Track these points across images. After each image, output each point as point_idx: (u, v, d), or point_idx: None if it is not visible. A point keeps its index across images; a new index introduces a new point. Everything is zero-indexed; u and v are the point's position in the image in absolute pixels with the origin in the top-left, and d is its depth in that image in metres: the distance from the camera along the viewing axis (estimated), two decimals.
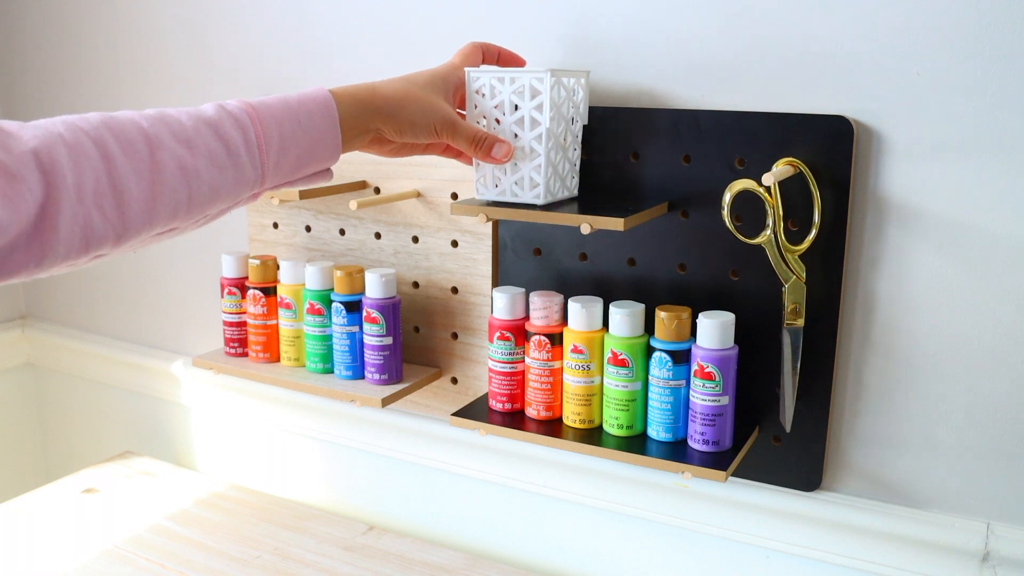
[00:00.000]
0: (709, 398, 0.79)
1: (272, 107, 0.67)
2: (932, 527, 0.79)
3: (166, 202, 0.61)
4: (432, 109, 0.75)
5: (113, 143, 0.58)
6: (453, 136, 0.76)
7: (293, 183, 0.71)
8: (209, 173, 0.63)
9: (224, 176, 0.64)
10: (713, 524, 0.90)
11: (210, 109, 0.65)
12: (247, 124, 0.65)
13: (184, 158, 0.61)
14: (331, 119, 0.70)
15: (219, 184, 0.64)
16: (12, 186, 0.52)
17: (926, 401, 0.78)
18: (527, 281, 0.93)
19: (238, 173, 0.65)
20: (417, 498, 1.10)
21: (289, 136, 0.67)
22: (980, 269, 0.74)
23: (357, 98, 0.72)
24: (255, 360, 1.04)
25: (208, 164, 0.63)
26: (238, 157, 0.64)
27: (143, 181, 0.59)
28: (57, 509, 1.13)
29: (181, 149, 0.61)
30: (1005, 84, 0.70)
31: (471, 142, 0.77)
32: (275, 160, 0.67)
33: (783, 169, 0.76)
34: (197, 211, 0.64)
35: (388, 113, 0.73)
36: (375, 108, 0.72)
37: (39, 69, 1.29)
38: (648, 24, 0.83)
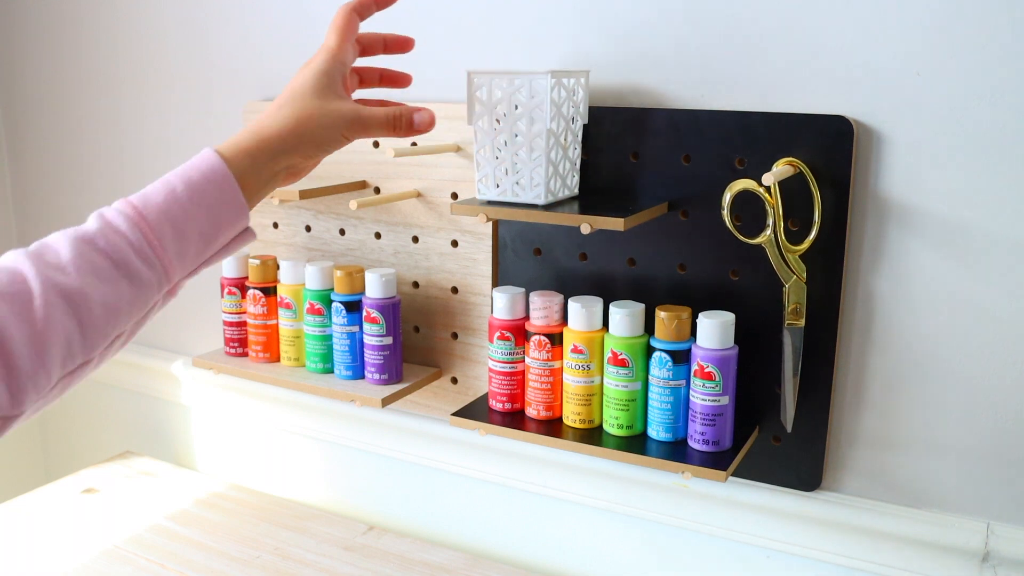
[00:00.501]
0: (709, 398, 0.79)
1: (156, 195, 0.60)
2: (932, 527, 0.79)
3: (55, 341, 0.54)
4: (332, 118, 0.66)
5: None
6: (366, 131, 0.68)
7: (210, 261, 0.64)
8: (99, 293, 0.56)
9: (117, 290, 0.57)
10: (713, 524, 0.90)
11: (92, 223, 0.59)
12: (130, 227, 0.58)
13: (66, 286, 0.55)
14: (227, 183, 0.62)
15: (114, 300, 0.57)
16: None
17: (926, 401, 0.78)
18: (527, 281, 0.93)
19: (133, 282, 0.58)
20: (417, 498, 1.10)
21: (183, 220, 0.60)
22: (980, 269, 0.74)
23: (248, 151, 0.64)
24: (255, 360, 1.04)
25: (95, 283, 0.56)
26: (128, 266, 0.58)
27: (25, 329, 0.54)
28: (57, 509, 1.13)
29: (61, 277, 0.55)
30: (1005, 84, 0.70)
31: (388, 126, 0.69)
32: (176, 250, 0.60)
33: (783, 169, 0.76)
34: (98, 336, 0.57)
35: (289, 149, 0.65)
36: (272, 152, 0.64)
37: (39, 69, 1.29)
38: (648, 24, 0.83)
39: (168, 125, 1.18)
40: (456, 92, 0.95)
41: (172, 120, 1.18)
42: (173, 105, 1.17)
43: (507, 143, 0.80)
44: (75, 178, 1.31)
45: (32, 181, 1.37)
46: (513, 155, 0.79)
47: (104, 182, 1.28)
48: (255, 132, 0.65)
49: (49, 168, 1.34)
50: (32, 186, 1.37)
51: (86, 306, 0.56)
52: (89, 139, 1.28)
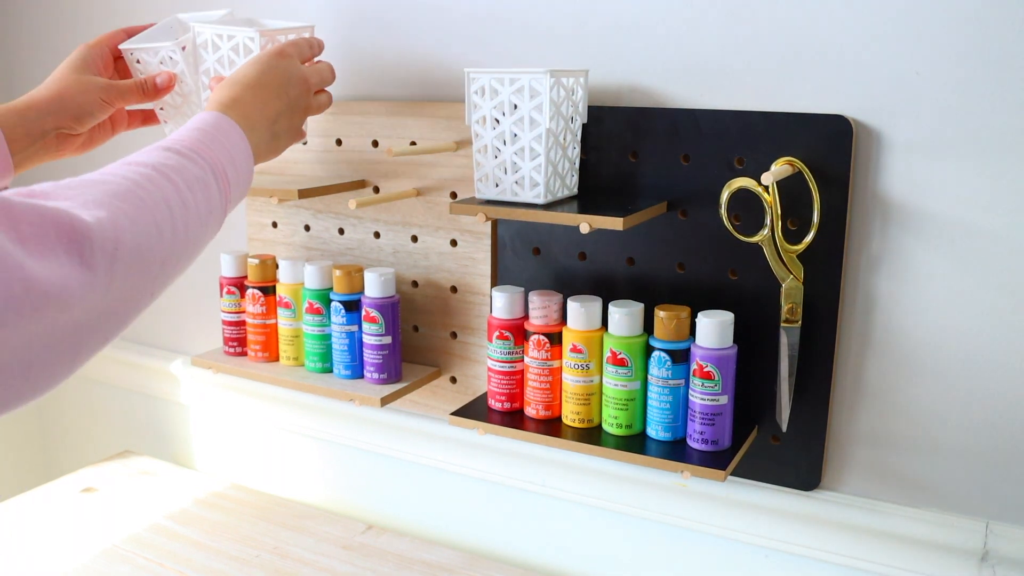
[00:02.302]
0: (708, 397, 0.79)
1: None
2: (931, 526, 0.80)
3: None
4: (89, 86, 0.79)
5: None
6: (122, 96, 0.81)
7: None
8: None
9: None
10: (712, 523, 0.90)
11: None
12: None
13: None
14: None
15: None
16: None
17: (925, 400, 0.79)
18: (526, 280, 0.93)
19: None
20: (416, 497, 1.10)
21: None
22: (980, 268, 0.74)
23: (16, 110, 0.75)
24: (254, 359, 1.04)
25: None
26: None
27: None
28: (56, 508, 1.13)
29: None
30: (1004, 83, 0.70)
31: (138, 93, 0.83)
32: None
33: (782, 168, 0.76)
34: None
35: (55, 110, 0.77)
36: (39, 112, 0.76)
37: (39, 69, 1.29)
38: (647, 23, 0.83)
39: None
40: (455, 91, 0.95)
41: None
42: None
43: (506, 142, 0.80)
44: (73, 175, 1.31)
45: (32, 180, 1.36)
46: (512, 154, 0.79)
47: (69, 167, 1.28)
48: (27, 98, 0.78)
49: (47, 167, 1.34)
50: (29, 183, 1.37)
51: None
52: None
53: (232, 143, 0.68)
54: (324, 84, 0.83)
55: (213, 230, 0.64)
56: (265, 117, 0.74)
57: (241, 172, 0.68)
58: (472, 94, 0.80)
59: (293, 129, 0.79)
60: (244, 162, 0.69)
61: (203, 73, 0.87)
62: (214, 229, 0.64)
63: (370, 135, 0.99)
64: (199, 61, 0.86)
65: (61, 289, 0.45)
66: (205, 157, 0.63)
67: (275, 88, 0.75)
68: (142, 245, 0.53)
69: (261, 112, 0.73)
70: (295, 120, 0.78)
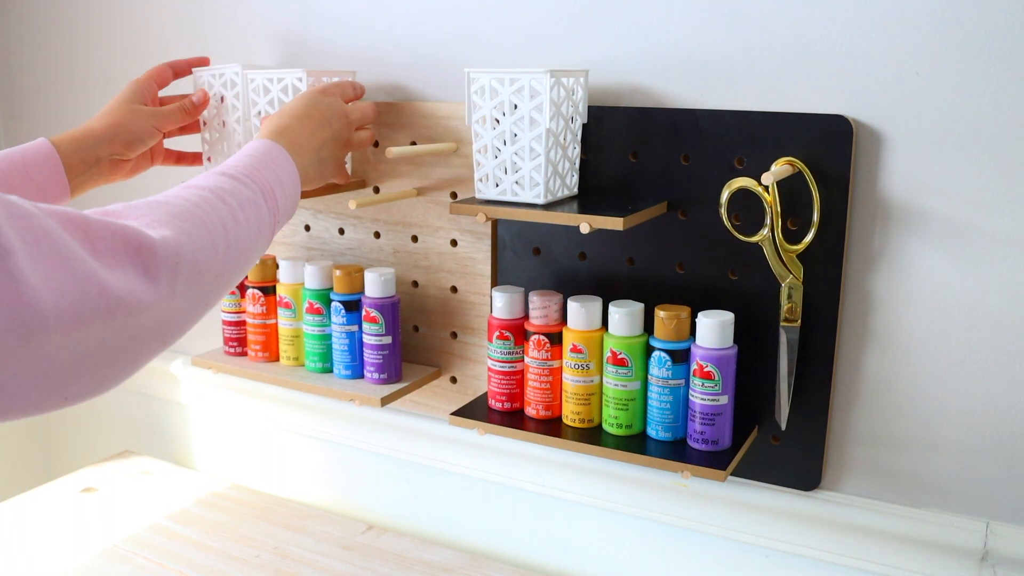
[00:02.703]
0: (708, 397, 0.79)
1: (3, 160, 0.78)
2: (931, 526, 0.80)
3: None
4: (140, 115, 0.88)
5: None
6: (168, 120, 0.90)
7: None
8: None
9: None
10: (712, 523, 0.90)
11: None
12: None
13: None
14: (55, 164, 0.81)
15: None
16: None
17: (925, 400, 0.79)
18: (526, 280, 0.93)
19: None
20: (416, 497, 1.10)
21: (18, 189, 0.78)
22: (979, 268, 0.74)
23: (74, 139, 0.84)
24: (254, 359, 1.04)
25: None
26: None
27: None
28: (56, 508, 1.13)
29: None
30: (1004, 83, 0.70)
31: (181, 113, 0.92)
32: None
33: (782, 168, 0.76)
34: None
35: (109, 138, 0.86)
36: (95, 140, 0.85)
37: (39, 69, 1.28)
38: (647, 23, 0.83)
39: None
40: (455, 91, 0.95)
41: None
42: None
43: (506, 142, 0.80)
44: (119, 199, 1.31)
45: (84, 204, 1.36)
46: (512, 154, 0.79)
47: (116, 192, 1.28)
48: (84, 127, 0.86)
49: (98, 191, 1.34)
50: None
51: None
52: None
53: (281, 167, 0.74)
54: (365, 121, 0.89)
55: (263, 247, 0.70)
56: (311, 144, 0.80)
57: (289, 194, 0.74)
58: (472, 94, 0.80)
59: (336, 159, 0.85)
60: (292, 184, 0.75)
61: (255, 116, 0.94)
62: (264, 246, 0.70)
63: None
64: (251, 105, 0.93)
65: (130, 295, 0.51)
66: (256, 180, 0.69)
67: (319, 119, 0.82)
68: (200, 260, 0.58)
69: (308, 140, 0.80)
70: (338, 151, 0.85)
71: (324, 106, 0.83)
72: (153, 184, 1.09)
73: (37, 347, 0.45)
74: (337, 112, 0.84)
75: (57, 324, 0.46)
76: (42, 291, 0.45)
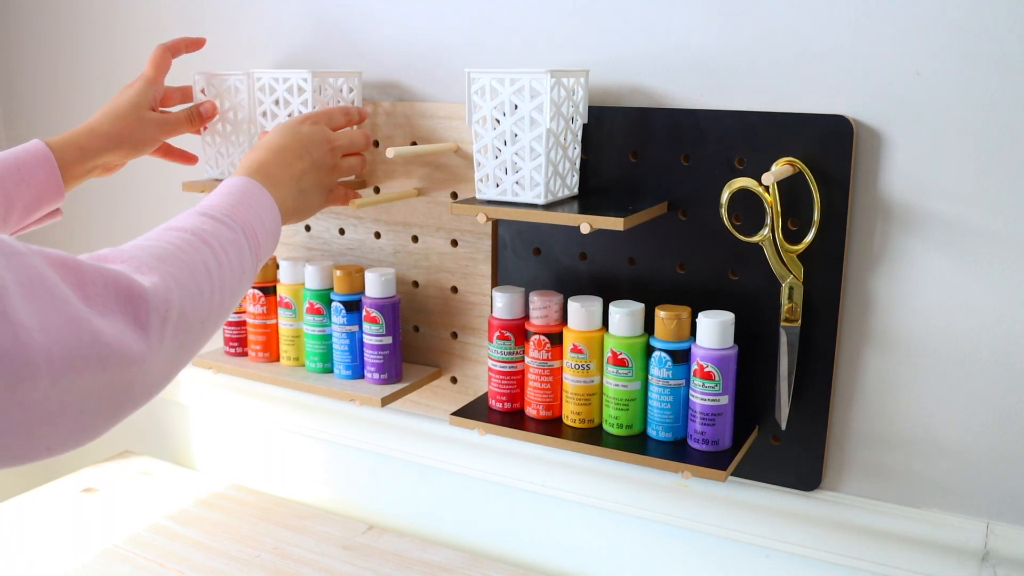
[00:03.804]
0: (708, 397, 0.79)
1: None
2: (932, 526, 0.80)
3: None
4: (147, 124, 0.88)
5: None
6: (174, 129, 0.91)
7: (25, 228, 0.82)
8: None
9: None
10: (712, 523, 0.90)
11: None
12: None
13: None
14: (51, 169, 0.81)
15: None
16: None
17: (925, 400, 0.79)
18: (527, 280, 0.93)
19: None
20: (416, 497, 1.10)
21: (13, 192, 0.77)
22: (980, 268, 0.74)
23: (77, 144, 0.84)
24: (254, 359, 1.04)
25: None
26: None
27: None
28: (56, 508, 1.13)
29: None
30: (1005, 83, 0.70)
31: (186, 121, 0.92)
32: (2, 213, 0.76)
33: (782, 168, 0.76)
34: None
35: (114, 146, 0.86)
36: (99, 148, 0.85)
37: (39, 70, 1.28)
38: (648, 23, 0.83)
39: None
40: (456, 91, 0.95)
41: None
42: None
43: (507, 143, 0.80)
44: None
45: None
46: (513, 155, 0.79)
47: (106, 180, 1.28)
48: (87, 131, 0.85)
49: None
50: None
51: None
52: None
53: (259, 203, 0.73)
54: (354, 148, 0.88)
55: (246, 286, 0.68)
56: (289, 175, 0.79)
57: (269, 229, 0.73)
58: (473, 94, 0.80)
59: (321, 188, 0.83)
60: (271, 220, 0.74)
61: (260, 115, 0.93)
62: (247, 286, 0.69)
63: (371, 135, 0.99)
64: (256, 104, 0.93)
65: (121, 345, 0.49)
66: (237, 220, 0.68)
67: (297, 149, 0.80)
68: (186, 306, 0.57)
69: (285, 171, 0.79)
70: (322, 179, 0.83)
71: (302, 135, 0.81)
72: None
73: (24, 394, 0.43)
74: (317, 139, 0.82)
75: (48, 370, 0.44)
76: (36, 334, 0.43)
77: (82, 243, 1.34)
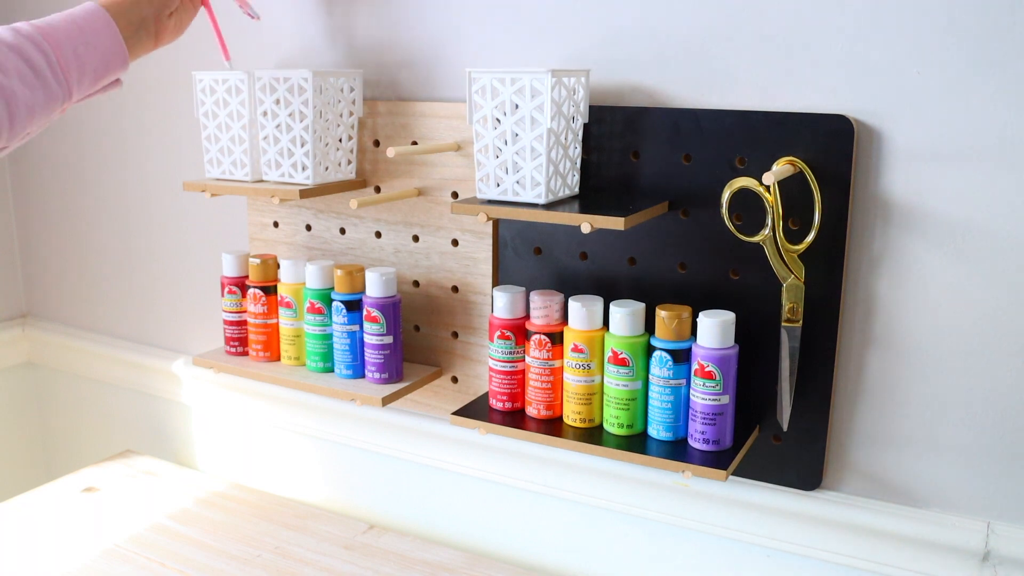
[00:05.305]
0: (709, 397, 0.79)
1: (61, 28, 0.77)
2: (932, 526, 0.80)
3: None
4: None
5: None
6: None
7: (90, 95, 0.83)
8: (24, 93, 0.72)
9: (36, 95, 0.73)
10: (713, 523, 0.90)
11: (6, 34, 0.73)
12: (46, 47, 0.74)
13: (2, 83, 0.71)
14: (110, 29, 0.80)
15: (33, 103, 0.74)
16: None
17: (926, 400, 0.78)
18: (527, 280, 0.93)
19: (47, 92, 0.74)
20: (417, 497, 1.10)
21: (83, 55, 0.77)
22: (980, 268, 0.74)
23: (119, 2, 0.82)
24: (255, 359, 1.04)
25: (21, 85, 0.72)
26: (45, 78, 0.74)
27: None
28: (58, 508, 1.13)
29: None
30: (1005, 83, 0.70)
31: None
32: (76, 78, 0.77)
33: (783, 168, 0.76)
34: (19, 129, 0.73)
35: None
36: (133, 1, 0.83)
37: None
38: (648, 23, 0.83)
39: (169, 126, 1.19)
40: (457, 91, 0.95)
41: (173, 121, 1.18)
42: (174, 106, 1.17)
43: (508, 142, 0.80)
44: (76, 177, 1.31)
45: (32, 180, 1.37)
46: (514, 154, 0.79)
47: (106, 180, 1.28)
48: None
49: (49, 168, 1.34)
50: (32, 185, 1.37)
51: (15, 102, 0.72)
52: (90, 138, 1.28)
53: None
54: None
55: (41, 117, 0.75)
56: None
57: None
58: (474, 94, 0.80)
59: None
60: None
61: (260, 115, 0.94)
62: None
63: (372, 135, 0.99)
64: (257, 103, 0.94)
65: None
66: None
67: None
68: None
69: None
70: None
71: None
72: None
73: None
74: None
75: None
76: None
77: (83, 242, 1.34)
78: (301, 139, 0.92)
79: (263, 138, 0.95)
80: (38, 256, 1.41)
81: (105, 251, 1.31)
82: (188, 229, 1.21)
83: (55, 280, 1.40)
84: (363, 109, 0.98)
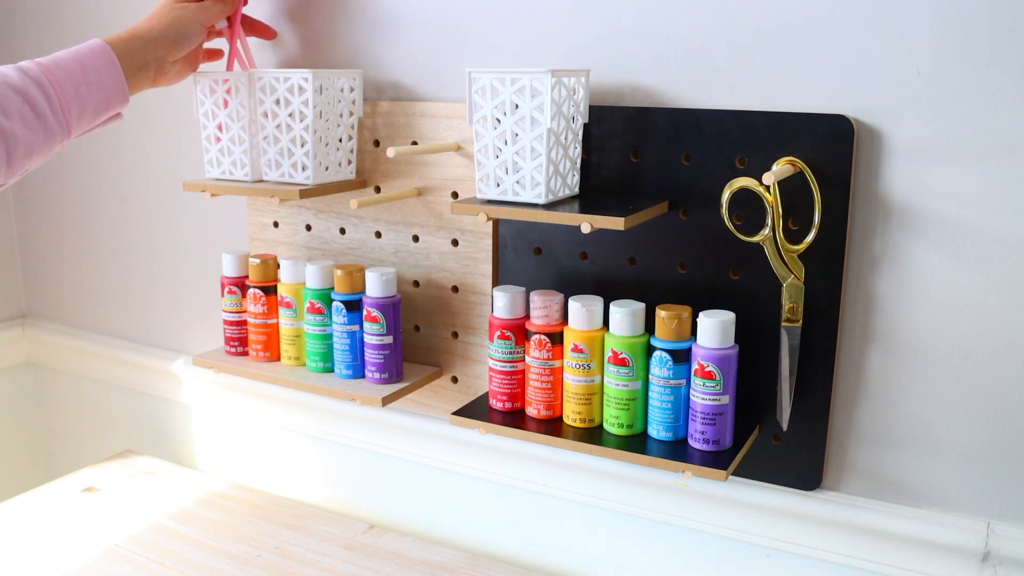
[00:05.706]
0: (709, 397, 0.79)
1: (65, 67, 0.79)
2: (932, 526, 0.80)
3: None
4: (185, 13, 0.89)
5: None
6: (212, 14, 0.91)
7: (89, 131, 0.84)
8: (24, 135, 0.75)
9: (35, 136, 0.76)
10: (713, 523, 0.90)
11: (12, 74, 0.76)
12: (49, 88, 0.77)
13: (2, 123, 0.73)
14: (114, 68, 0.82)
15: (32, 143, 0.76)
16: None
17: (926, 400, 0.78)
18: (527, 280, 0.93)
19: (47, 132, 0.77)
20: (417, 497, 1.10)
21: (84, 93, 0.79)
22: (980, 268, 0.74)
23: (122, 41, 0.84)
24: (255, 359, 1.04)
25: (23, 127, 0.74)
26: (45, 118, 0.76)
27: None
28: (58, 508, 1.13)
29: (2, 118, 0.73)
30: (1005, 83, 0.70)
31: (223, 5, 0.93)
32: (76, 116, 0.79)
33: (783, 168, 0.76)
34: (17, 168, 0.76)
35: (155, 38, 0.86)
36: (143, 42, 0.85)
37: None
38: (648, 23, 0.83)
39: (169, 126, 1.18)
40: (457, 91, 0.95)
41: (173, 121, 1.18)
42: (174, 106, 1.17)
43: (508, 142, 0.80)
44: (76, 177, 1.31)
45: (32, 181, 1.37)
46: (513, 154, 0.79)
47: (107, 180, 1.28)
48: (130, 30, 0.86)
49: (49, 168, 1.34)
50: (32, 186, 1.37)
51: (15, 144, 0.74)
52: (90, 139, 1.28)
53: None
54: None
55: (39, 156, 0.77)
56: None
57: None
58: (474, 94, 0.80)
59: None
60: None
61: (261, 115, 0.94)
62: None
63: (372, 135, 0.99)
64: (257, 103, 0.94)
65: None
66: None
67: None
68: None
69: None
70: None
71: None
72: None
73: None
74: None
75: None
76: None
77: (84, 242, 1.34)
78: (301, 139, 0.92)
79: (263, 138, 0.95)
80: (38, 256, 1.41)
81: (105, 251, 1.31)
82: (188, 229, 1.21)
83: (55, 280, 1.40)
84: (363, 109, 0.98)
